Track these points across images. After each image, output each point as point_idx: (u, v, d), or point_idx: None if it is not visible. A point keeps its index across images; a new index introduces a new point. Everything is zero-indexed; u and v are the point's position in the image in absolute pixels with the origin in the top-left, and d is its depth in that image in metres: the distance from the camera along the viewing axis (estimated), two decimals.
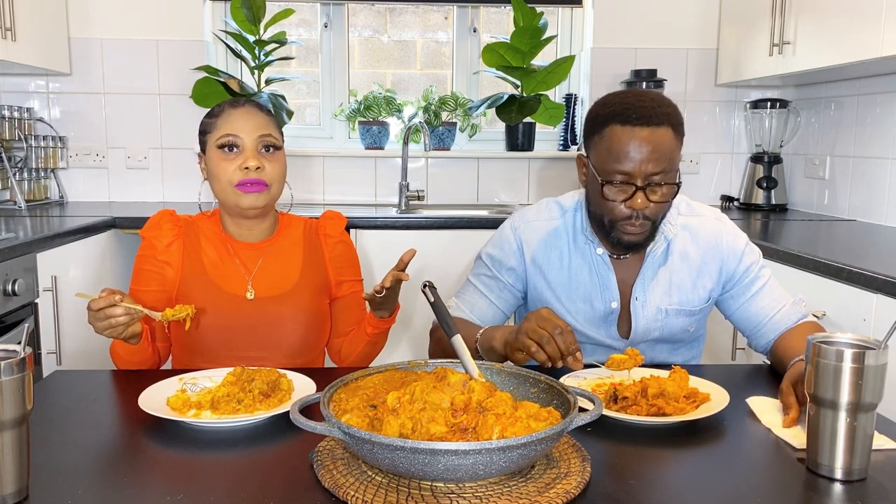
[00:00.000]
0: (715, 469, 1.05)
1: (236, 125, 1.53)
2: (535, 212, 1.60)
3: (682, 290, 1.53)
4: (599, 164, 1.42)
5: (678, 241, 1.53)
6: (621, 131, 1.38)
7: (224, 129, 1.53)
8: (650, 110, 1.38)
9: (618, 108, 1.40)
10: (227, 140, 1.52)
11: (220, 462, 1.05)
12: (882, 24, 2.26)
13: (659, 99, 1.41)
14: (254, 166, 1.51)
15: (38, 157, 3.23)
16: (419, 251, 2.85)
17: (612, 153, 1.39)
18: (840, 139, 3.05)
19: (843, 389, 0.96)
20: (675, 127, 1.40)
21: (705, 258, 1.54)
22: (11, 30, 2.68)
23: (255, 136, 1.53)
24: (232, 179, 1.52)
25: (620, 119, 1.38)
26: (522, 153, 3.46)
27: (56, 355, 2.33)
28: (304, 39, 3.57)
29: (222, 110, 1.56)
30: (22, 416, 0.89)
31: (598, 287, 1.53)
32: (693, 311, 1.55)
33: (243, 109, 1.55)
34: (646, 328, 1.53)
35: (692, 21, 3.44)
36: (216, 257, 1.57)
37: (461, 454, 0.86)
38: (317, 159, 3.46)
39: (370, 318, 1.58)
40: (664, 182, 1.40)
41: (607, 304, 1.53)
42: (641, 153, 1.37)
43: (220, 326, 1.53)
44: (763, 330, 1.52)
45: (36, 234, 2.33)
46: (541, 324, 1.27)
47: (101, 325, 1.33)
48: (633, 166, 1.38)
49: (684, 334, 1.57)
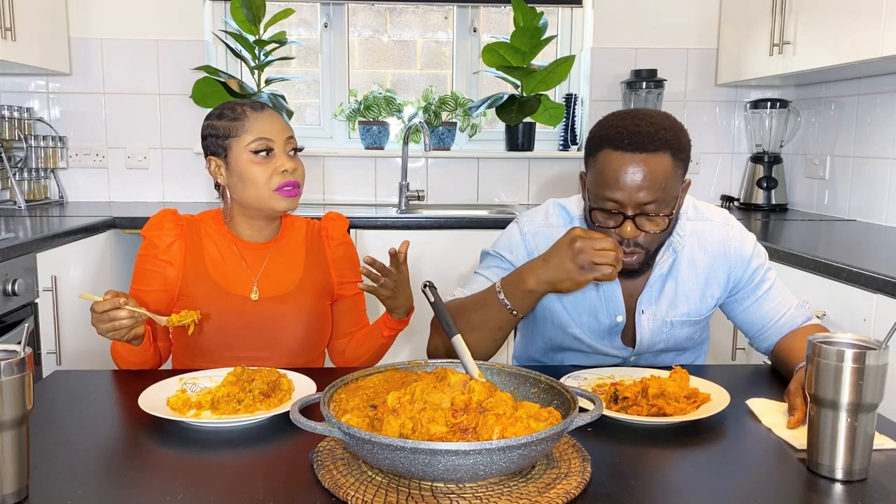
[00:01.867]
0: (715, 469, 1.05)
1: (269, 129, 1.52)
2: (543, 217, 1.55)
3: (689, 300, 1.50)
4: (592, 188, 1.36)
5: (686, 248, 1.49)
6: (612, 156, 1.31)
7: (256, 133, 1.51)
8: (646, 136, 1.30)
9: (612, 130, 1.33)
10: (264, 144, 1.51)
11: (220, 462, 1.05)
12: (882, 24, 2.26)
13: (660, 122, 1.33)
14: (291, 168, 1.53)
15: (38, 157, 3.23)
16: (419, 251, 2.85)
17: (603, 178, 1.32)
18: (840, 139, 3.05)
19: (843, 389, 0.96)
20: (674, 153, 1.32)
21: (713, 265, 1.50)
22: (11, 30, 2.68)
23: (284, 139, 1.53)
24: (271, 183, 1.51)
25: (612, 144, 1.31)
26: (522, 153, 3.46)
27: (56, 355, 2.33)
28: (304, 39, 3.57)
29: (244, 114, 1.53)
30: (22, 416, 0.89)
31: (604, 301, 1.49)
32: (698, 321, 1.53)
33: (269, 112, 1.55)
34: (651, 340, 1.51)
35: (692, 21, 3.44)
36: (219, 257, 1.57)
37: (461, 454, 0.86)
38: (317, 159, 3.46)
39: (387, 320, 1.57)
40: (658, 213, 1.33)
41: (612, 317, 1.49)
42: (633, 181, 1.29)
43: (222, 327, 1.52)
44: (767, 333, 1.50)
45: (36, 234, 2.33)
46: (595, 245, 1.26)
47: (104, 327, 1.32)
48: (622, 195, 1.30)
49: (689, 342, 1.56)
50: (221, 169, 1.55)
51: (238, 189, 1.53)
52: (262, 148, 1.51)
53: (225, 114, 1.54)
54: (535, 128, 3.46)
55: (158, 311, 1.49)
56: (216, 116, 1.55)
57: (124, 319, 1.31)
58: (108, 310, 1.30)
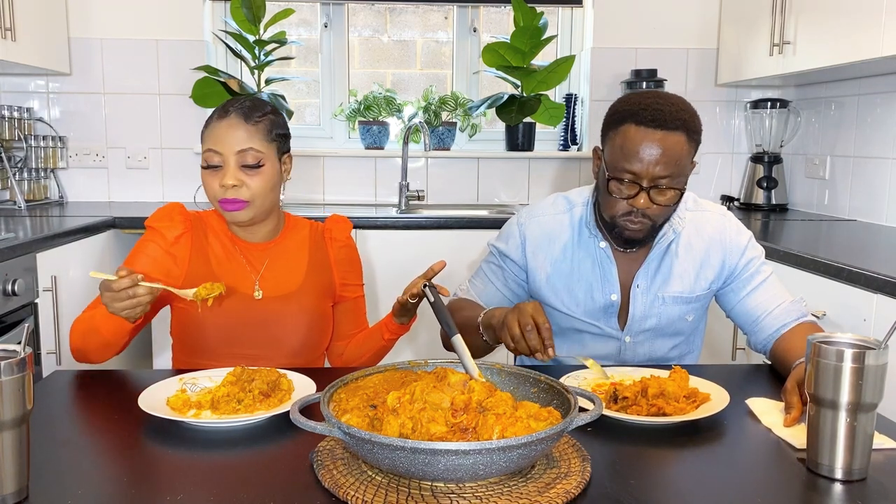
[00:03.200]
0: (715, 469, 1.05)
1: (219, 141, 1.50)
2: (542, 206, 1.65)
3: (683, 280, 1.56)
4: (610, 160, 1.45)
5: (684, 233, 1.57)
6: (635, 131, 1.40)
7: (207, 144, 1.51)
8: (667, 114, 1.40)
9: (635, 107, 1.42)
10: (208, 157, 1.51)
11: (220, 462, 1.05)
12: (882, 24, 2.26)
13: (679, 104, 1.43)
14: (230, 184, 1.49)
15: (37, 157, 3.23)
16: (419, 251, 2.85)
17: (624, 151, 1.41)
18: (840, 139, 3.05)
19: (843, 389, 0.96)
20: (689, 134, 1.42)
21: (709, 250, 1.57)
22: (11, 30, 2.68)
23: (234, 152, 1.50)
24: (215, 195, 1.51)
25: (636, 119, 1.41)
26: (522, 153, 3.46)
27: (56, 355, 2.33)
28: (304, 39, 3.57)
29: (211, 120, 1.53)
30: (22, 416, 0.89)
31: (600, 279, 1.56)
32: (690, 299, 1.57)
33: (227, 122, 1.51)
34: (643, 314, 1.56)
35: (692, 21, 3.44)
36: (223, 255, 1.57)
37: (461, 454, 0.86)
38: (317, 159, 3.46)
39: (389, 324, 1.58)
40: (670, 186, 1.42)
41: (607, 296, 1.56)
42: (651, 155, 1.39)
43: (225, 325, 1.53)
44: (762, 324, 1.53)
45: (36, 234, 2.33)
46: (521, 318, 1.30)
47: (121, 304, 1.28)
48: (641, 167, 1.40)
49: (682, 323, 1.59)
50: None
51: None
52: (207, 161, 1.51)
53: (208, 119, 1.55)
54: (535, 128, 3.46)
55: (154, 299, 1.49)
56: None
57: (144, 296, 1.29)
58: (128, 287, 1.27)
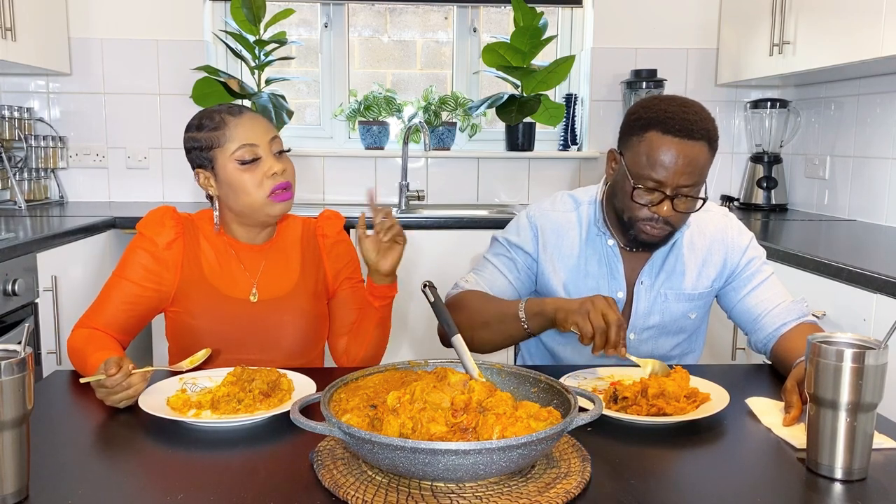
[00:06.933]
0: (715, 469, 1.05)
1: (250, 134, 1.48)
2: (550, 203, 1.65)
3: (686, 277, 1.57)
4: (633, 167, 1.44)
5: (686, 232, 1.58)
6: (661, 139, 1.40)
7: (239, 140, 1.47)
8: (692, 123, 1.40)
9: (661, 115, 1.41)
10: (248, 152, 1.47)
11: (220, 462, 1.05)
12: (882, 24, 2.26)
13: (701, 113, 1.44)
14: (280, 170, 1.49)
15: (38, 157, 3.23)
16: (419, 251, 2.85)
17: (649, 159, 1.41)
18: (840, 139, 3.05)
19: (843, 389, 0.96)
20: (711, 143, 1.43)
21: (711, 249, 1.58)
22: (11, 30, 2.68)
23: (267, 141, 1.49)
24: (263, 189, 1.48)
25: (662, 127, 1.40)
26: (522, 153, 3.46)
27: (56, 355, 2.33)
28: (304, 39, 3.57)
29: (223, 121, 1.49)
30: (22, 416, 0.89)
31: (607, 277, 1.57)
32: (693, 297, 1.58)
33: (248, 116, 1.50)
34: (647, 311, 1.57)
35: (692, 21, 3.44)
36: (215, 260, 1.54)
37: (461, 454, 0.86)
38: (317, 159, 3.46)
39: (372, 289, 1.53)
40: (692, 195, 1.43)
41: (613, 293, 1.57)
42: (677, 164, 1.39)
43: (219, 331, 1.51)
44: (762, 324, 1.53)
45: (36, 234, 2.33)
46: (605, 311, 1.28)
47: (118, 397, 1.21)
48: (666, 175, 1.40)
49: (685, 321, 1.60)
50: (210, 180, 1.52)
51: (231, 199, 1.50)
52: (246, 156, 1.47)
53: (204, 124, 1.50)
54: (535, 128, 3.46)
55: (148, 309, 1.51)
56: (195, 128, 1.51)
57: (139, 384, 1.23)
58: (120, 381, 1.21)
